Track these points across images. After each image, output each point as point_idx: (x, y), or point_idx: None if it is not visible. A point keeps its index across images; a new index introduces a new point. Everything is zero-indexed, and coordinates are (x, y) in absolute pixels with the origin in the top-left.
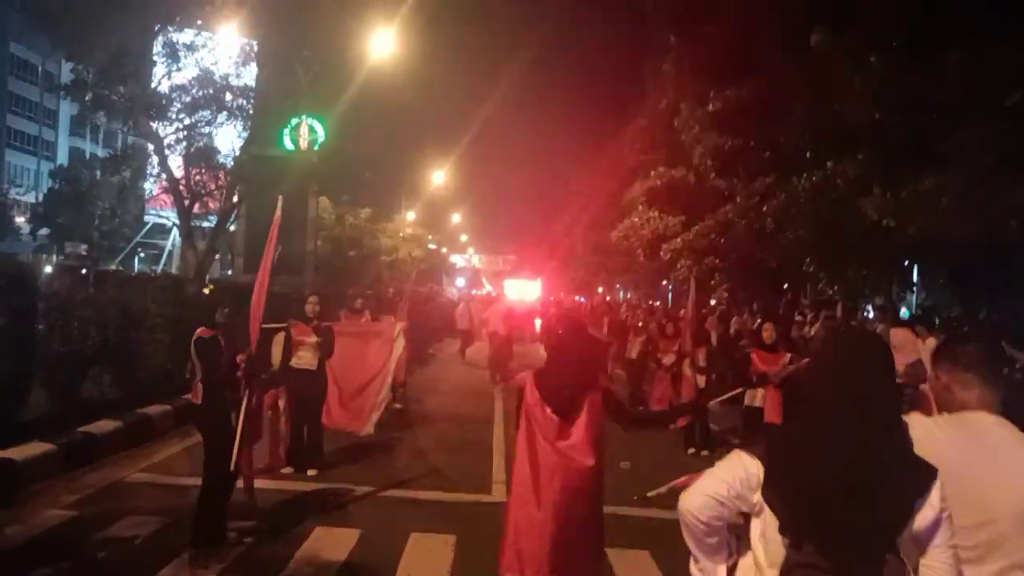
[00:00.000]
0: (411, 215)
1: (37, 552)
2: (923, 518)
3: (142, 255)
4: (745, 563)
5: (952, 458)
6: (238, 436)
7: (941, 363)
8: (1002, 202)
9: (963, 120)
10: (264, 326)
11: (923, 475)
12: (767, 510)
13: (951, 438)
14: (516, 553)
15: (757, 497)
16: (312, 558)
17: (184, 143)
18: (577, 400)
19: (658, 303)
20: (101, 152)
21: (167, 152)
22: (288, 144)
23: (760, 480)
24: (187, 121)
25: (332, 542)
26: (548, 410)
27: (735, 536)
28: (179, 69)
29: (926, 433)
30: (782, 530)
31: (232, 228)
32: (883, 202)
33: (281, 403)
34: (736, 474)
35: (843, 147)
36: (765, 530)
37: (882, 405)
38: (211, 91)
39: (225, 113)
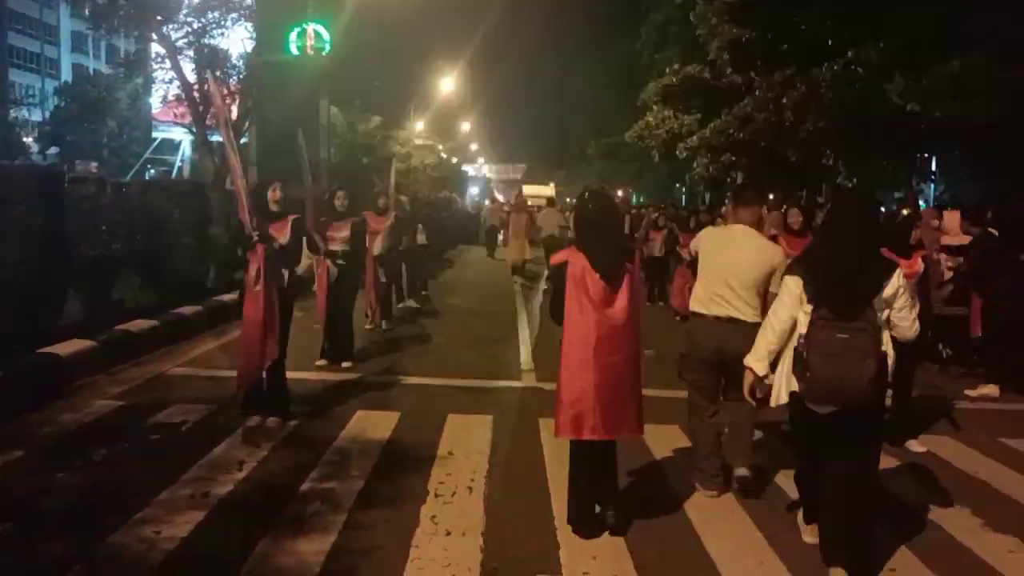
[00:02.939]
0: (420, 125)
1: (93, 436)
2: (888, 291)
3: (152, 171)
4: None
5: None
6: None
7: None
8: None
9: (988, 0)
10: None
11: (888, 268)
12: (805, 302)
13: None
14: (572, 417)
15: (802, 298)
16: (356, 437)
17: (194, 47)
18: (620, 266)
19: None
20: (105, 68)
21: (178, 58)
22: (294, 50)
23: (802, 289)
24: (196, 25)
25: (374, 423)
26: (596, 276)
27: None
28: None
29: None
30: (810, 301)
31: (244, 141)
32: (907, 86)
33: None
34: (794, 292)
35: (865, 33)
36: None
37: (864, 234)
38: None
39: (235, 15)
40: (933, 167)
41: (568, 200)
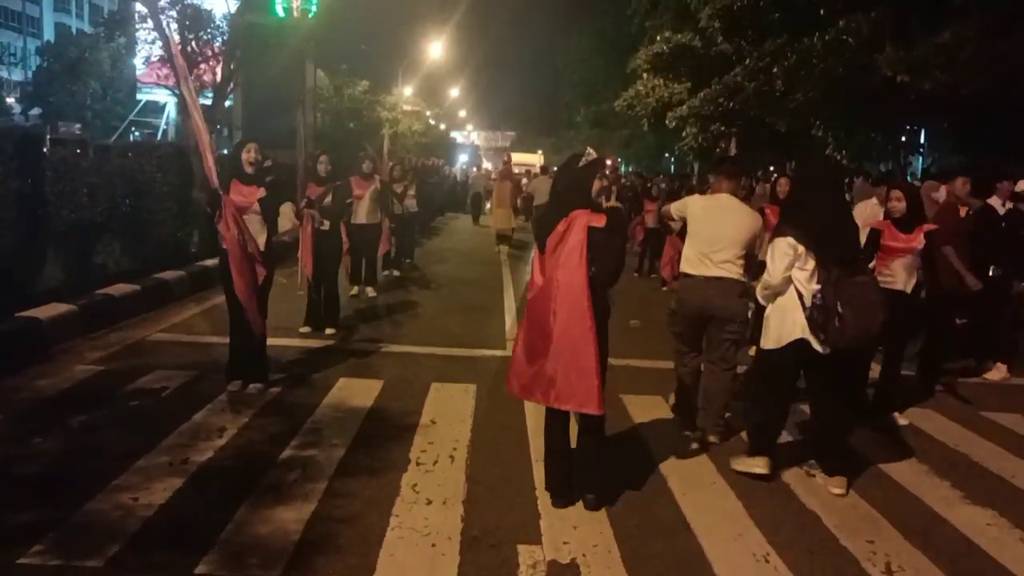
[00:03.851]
0: (408, 91)
1: (71, 402)
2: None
3: (137, 134)
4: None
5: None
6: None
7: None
8: (1020, 55)
9: None
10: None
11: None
12: (801, 261)
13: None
14: (513, 375)
15: (801, 253)
16: (339, 405)
17: (177, 7)
18: (559, 227)
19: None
20: (88, 28)
21: (160, 17)
22: (280, 11)
23: (798, 246)
24: None
25: (357, 390)
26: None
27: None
28: None
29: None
30: (817, 260)
31: (228, 104)
32: (897, 57)
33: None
34: (788, 253)
35: (856, 3)
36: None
37: (840, 196)
38: None
39: None
40: (921, 139)
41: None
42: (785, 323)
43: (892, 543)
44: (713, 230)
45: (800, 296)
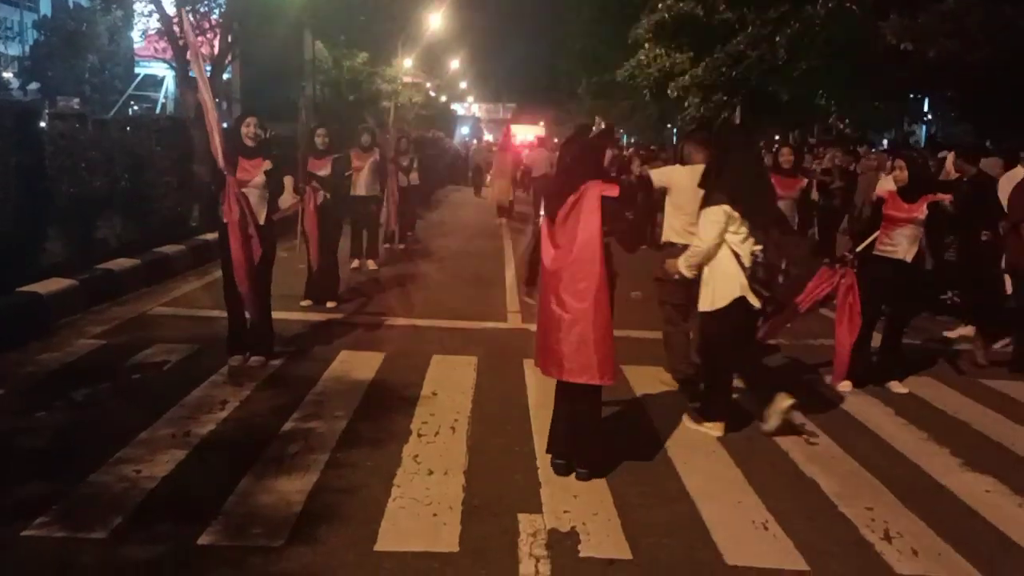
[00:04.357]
0: (408, 62)
1: (74, 376)
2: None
3: (135, 108)
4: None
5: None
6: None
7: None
8: None
9: None
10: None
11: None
12: (734, 226)
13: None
14: (536, 351)
15: (736, 218)
16: (341, 377)
17: None
18: (570, 199)
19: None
20: (85, 1)
21: None
22: None
23: (732, 212)
24: None
25: (359, 363)
26: (546, 215)
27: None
28: None
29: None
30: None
31: (226, 77)
32: (902, 24)
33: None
34: (721, 218)
35: None
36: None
37: (760, 161)
38: None
39: None
40: (925, 108)
41: (555, 140)
42: (726, 285)
43: (891, 509)
44: (696, 201)
45: (737, 257)
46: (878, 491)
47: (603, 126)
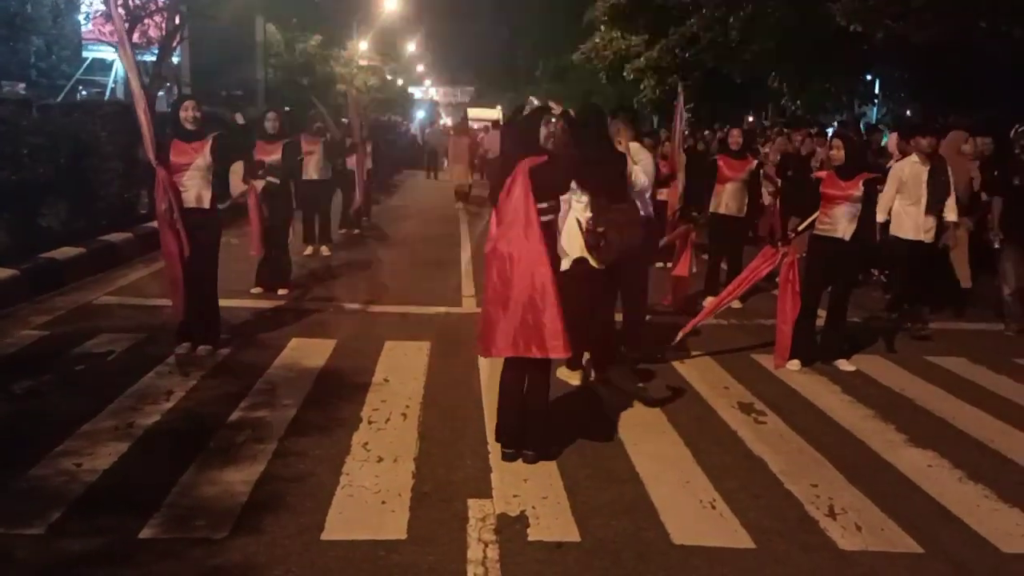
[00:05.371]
0: (364, 45)
1: (15, 368)
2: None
3: (84, 92)
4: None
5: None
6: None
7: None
8: (971, 2)
9: None
10: None
11: (623, 162)
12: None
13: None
14: (480, 333)
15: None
16: (291, 365)
17: None
18: (507, 179)
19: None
20: None
21: None
22: None
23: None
24: None
25: (309, 350)
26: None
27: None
28: None
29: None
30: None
31: (175, 61)
32: (851, 6)
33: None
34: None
35: None
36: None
37: (605, 135)
38: None
39: None
40: (876, 89)
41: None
42: (571, 245)
43: (835, 486)
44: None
45: (579, 223)
46: (824, 468)
47: (534, 103)
